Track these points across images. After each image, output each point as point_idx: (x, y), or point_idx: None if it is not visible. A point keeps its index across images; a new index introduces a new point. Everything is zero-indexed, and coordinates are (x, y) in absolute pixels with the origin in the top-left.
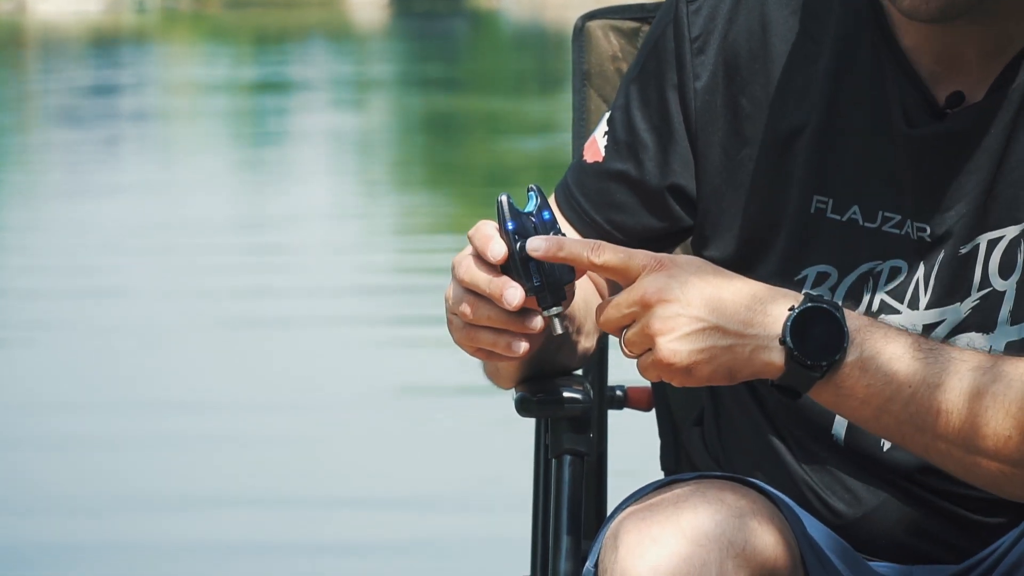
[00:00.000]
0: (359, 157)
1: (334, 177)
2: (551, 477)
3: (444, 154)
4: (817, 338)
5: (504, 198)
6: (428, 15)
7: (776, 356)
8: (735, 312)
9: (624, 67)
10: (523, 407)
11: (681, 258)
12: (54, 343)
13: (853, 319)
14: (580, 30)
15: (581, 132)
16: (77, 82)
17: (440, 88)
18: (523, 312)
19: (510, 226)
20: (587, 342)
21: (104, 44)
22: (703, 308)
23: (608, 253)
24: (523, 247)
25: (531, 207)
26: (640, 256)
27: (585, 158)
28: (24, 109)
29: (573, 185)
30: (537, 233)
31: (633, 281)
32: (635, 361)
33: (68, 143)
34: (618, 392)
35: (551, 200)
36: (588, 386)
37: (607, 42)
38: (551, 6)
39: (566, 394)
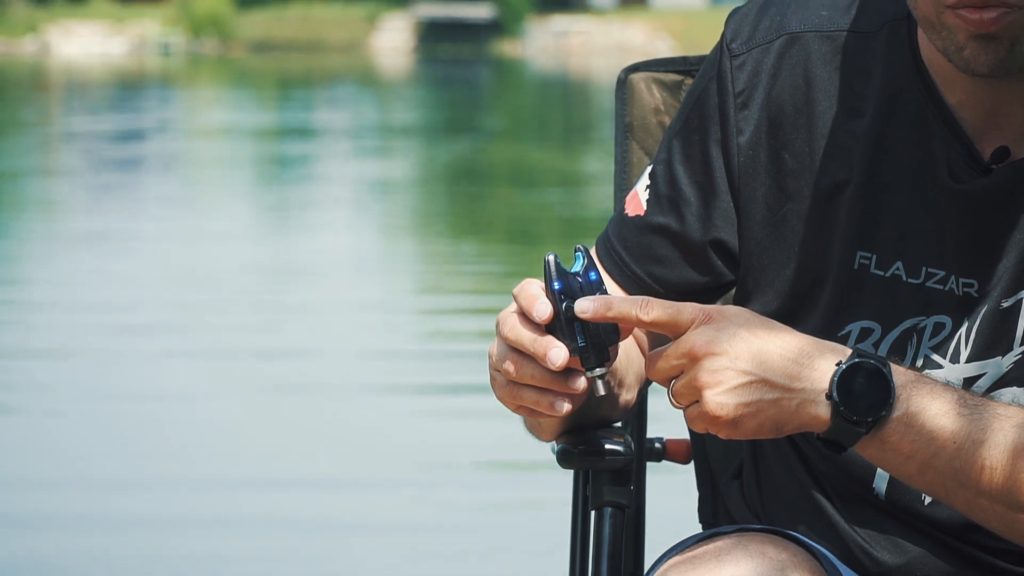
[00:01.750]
0: (382, 207)
1: (356, 229)
2: (589, 529)
3: (467, 207)
4: (863, 394)
5: (551, 257)
6: (453, 62)
7: (822, 410)
8: (782, 366)
9: (667, 120)
10: (564, 459)
11: (730, 310)
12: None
13: (900, 375)
14: (623, 82)
15: (623, 184)
16: (100, 126)
17: (464, 137)
18: (567, 372)
19: (556, 286)
20: (628, 395)
21: (128, 87)
22: (750, 361)
23: (657, 309)
24: (569, 307)
25: (578, 267)
26: (689, 309)
27: (627, 211)
28: (46, 152)
29: (614, 238)
30: (583, 294)
31: (683, 334)
32: (681, 412)
33: (90, 188)
34: (657, 444)
35: (592, 253)
36: (629, 438)
37: (650, 95)
38: (575, 55)
39: (608, 446)
